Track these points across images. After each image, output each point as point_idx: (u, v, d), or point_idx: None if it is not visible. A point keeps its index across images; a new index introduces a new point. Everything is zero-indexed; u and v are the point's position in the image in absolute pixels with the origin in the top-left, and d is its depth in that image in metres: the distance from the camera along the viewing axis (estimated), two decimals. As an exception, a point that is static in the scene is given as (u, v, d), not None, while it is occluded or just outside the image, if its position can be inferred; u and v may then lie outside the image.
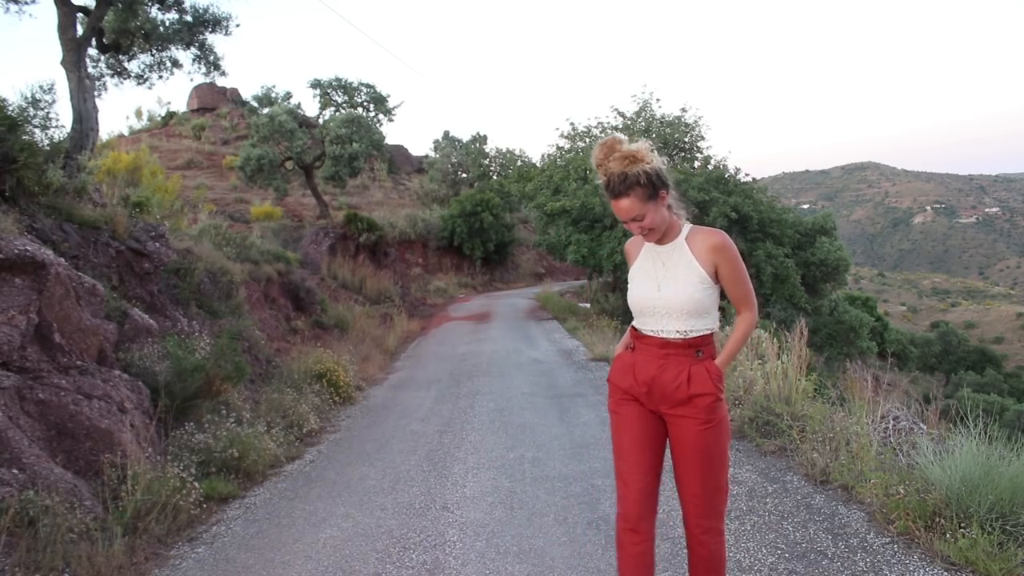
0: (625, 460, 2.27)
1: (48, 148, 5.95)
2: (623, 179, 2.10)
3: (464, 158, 29.83)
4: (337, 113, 19.65)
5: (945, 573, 2.83)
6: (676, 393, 2.19)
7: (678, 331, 2.21)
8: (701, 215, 12.96)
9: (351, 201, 25.45)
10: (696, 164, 15.59)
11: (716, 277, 2.20)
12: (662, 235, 2.22)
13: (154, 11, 9.22)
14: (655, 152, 2.15)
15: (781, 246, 13.99)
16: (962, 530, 2.93)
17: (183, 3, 9.36)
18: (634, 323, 2.34)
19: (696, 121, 15.82)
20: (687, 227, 2.25)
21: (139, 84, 9.90)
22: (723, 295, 2.29)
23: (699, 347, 2.20)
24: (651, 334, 2.25)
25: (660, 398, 2.23)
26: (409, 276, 20.38)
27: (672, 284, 2.21)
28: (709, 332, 2.22)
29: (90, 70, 8.92)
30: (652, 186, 2.11)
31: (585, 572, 3.08)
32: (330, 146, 18.64)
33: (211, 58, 9.89)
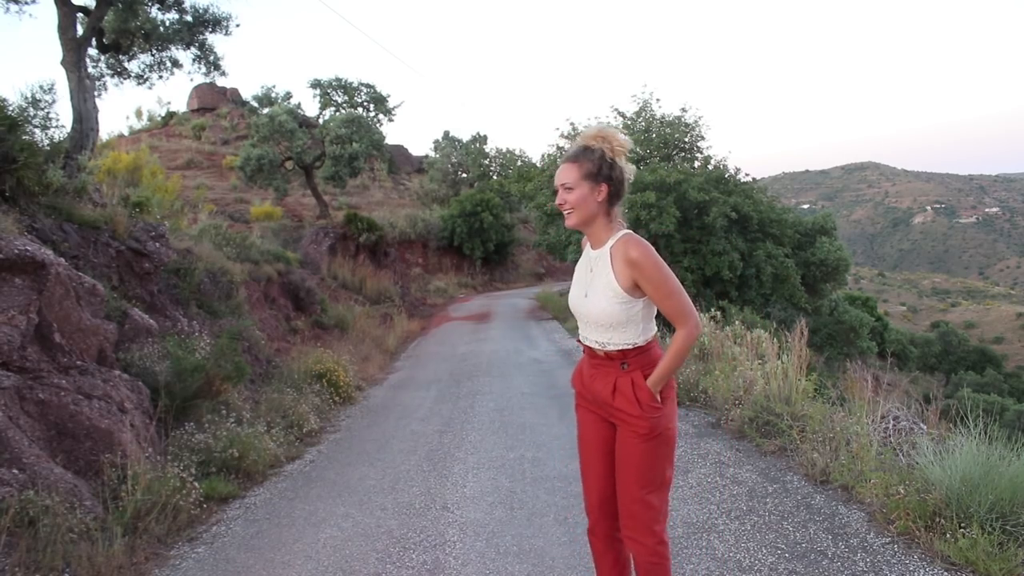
0: (583, 464, 2.33)
1: (48, 148, 5.96)
2: (582, 149, 2.12)
3: (464, 158, 29.82)
4: (337, 113, 19.65)
5: (945, 573, 2.83)
6: (608, 401, 2.17)
7: (596, 342, 2.17)
8: (701, 215, 12.96)
9: (351, 201, 25.45)
10: (696, 164, 15.58)
11: (638, 290, 2.08)
12: (596, 240, 2.17)
13: (154, 11, 9.22)
14: (626, 157, 2.14)
15: (781, 246, 13.98)
16: (962, 530, 2.93)
17: (183, 3, 9.36)
18: None
19: (696, 121, 15.81)
20: (617, 235, 2.12)
21: (139, 84, 9.92)
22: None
23: (623, 360, 2.14)
24: (583, 341, 2.26)
25: (599, 405, 2.23)
26: (409, 276, 20.38)
27: (593, 293, 2.14)
28: (631, 346, 2.12)
29: (90, 70, 8.92)
30: (598, 170, 2.09)
31: (585, 572, 3.08)
32: (330, 146, 18.63)
33: (211, 58, 9.89)
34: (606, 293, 2.10)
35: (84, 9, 8.44)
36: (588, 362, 2.26)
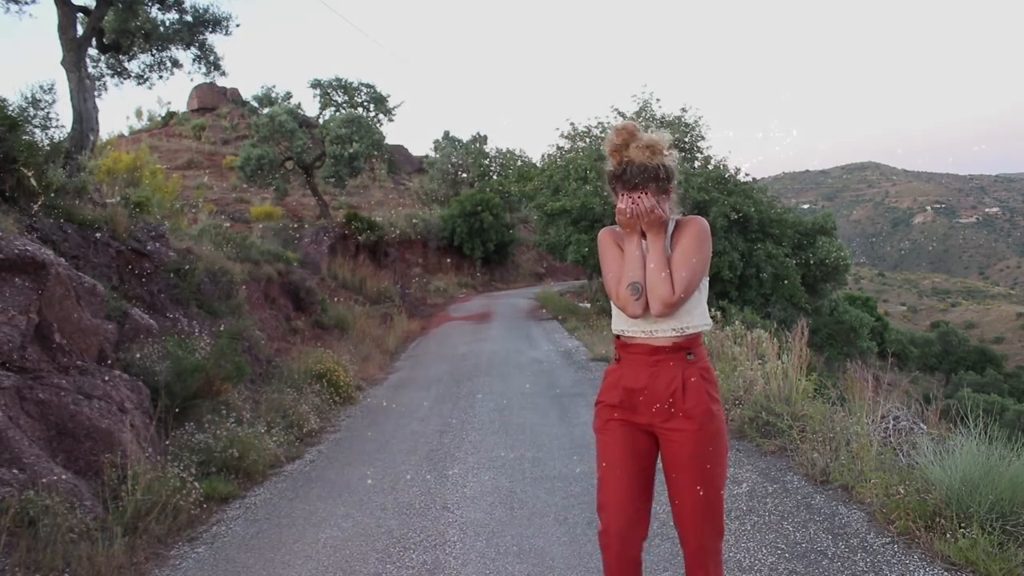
0: (618, 490, 2.10)
1: (48, 148, 5.95)
2: (643, 171, 2.02)
3: (464, 158, 29.82)
4: (337, 113, 19.64)
5: (945, 573, 2.83)
6: (674, 403, 2.08)
7: (675, 328, 2.10)
8: (701, 215, 12.96)
9: (351, 201, 25.45)
10: (696, 164, 15.58)
11: None
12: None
13: (154, 11, 9.23)
14: (672, 147, 2.11)
15: (781, 246, 13.98)
16: (962, 530, 2.93)
17: (183, 3, 9.37)
18: None
19: (696, 121, 15.82)
20: (675, 216, 2.18)
21: (139, 84, 9.93)
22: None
23: (689, 349, 2.11)
24: (635, 337, 2.17)
25: (652, 413, 2.11)
26: (409, 276, 20.37)
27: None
28: (706, 327, 2.15)
29: (90, 70, 8.93)
30: (667, 180, 2.07)
31: (585, 572, 3.08)
32: (330, 146, 18.63)
33: (211, 58, 9.90)
34: None
35: (84, 9, 8.44)
36: (643, 361, 2.09)
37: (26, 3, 8.12)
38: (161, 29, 9.28)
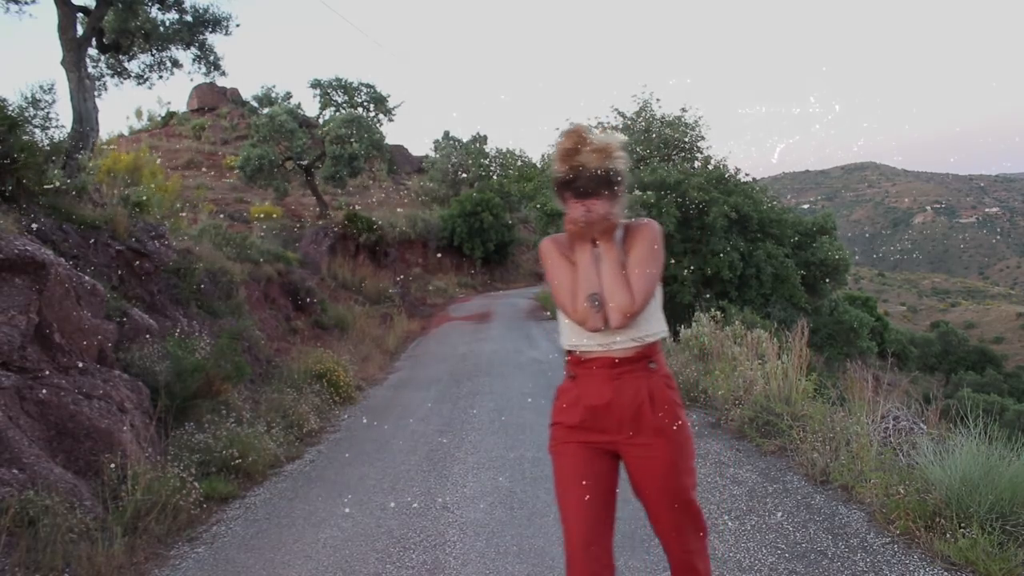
0: (579, 515, 1.99)
1: (48, 148, 5.95)
2: (595, 176, 1.93)
3: (464, 158, 29.82)
4: (337, 113, 19.64)
5: (945, 573, 2.83)
6: (642, 416, 1.98)
7: (634, 338, 2.00)
8: (701, 215, 12.95)
9: (351, 201, 25.45)
10: (696, 164, 15.58)
11: None
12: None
13: (154, 11, 9.22)
14: (623, 149, 2.01)
15: (781, 246, 13.97)
16: (962, 530, 2.93)
17: (183, 3, 9.37)
18: None
19: (696, 121, 15.81)
20: (624, 221, 2.09)
21: (139, 84, 9.93)
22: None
23: (650, 358, 2.02)
24: (590, 351, 2.05)
25: (617, 429, 2.01)
26: (409, 276, 20.37)
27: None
28: (664, 334, 2.08)
29: (90, 70, 8.93)
30: (619, 184, 1.98)
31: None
32: (330, 146, 18.63)
33: (211, 58, 9.89)
34: None
35: (84, 9, 8.44)
36: (603, 376, 1.98)
37: (26, 3, 8.13)
38: (161, 29, 9.28)
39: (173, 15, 9.44)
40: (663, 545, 2.09)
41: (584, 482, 1.98)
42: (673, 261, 12.51)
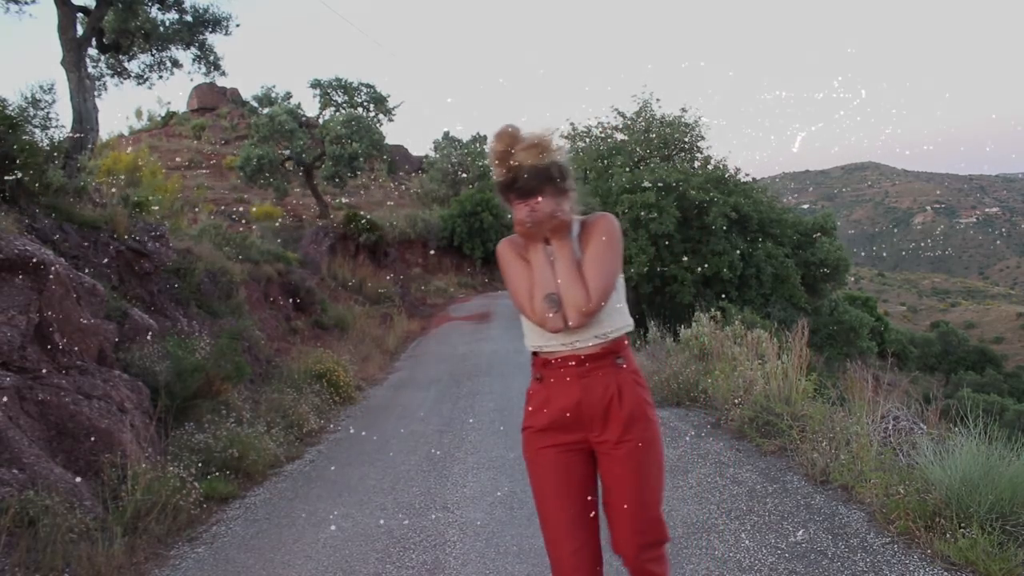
0: (561, 520, 1.95)
1: (48, 148, 5.96)
2: (535, 174, 1.87)
3: (464, 158, 29.82)
4: (337, 113, 19.65)
5: (945, 573, 2.83)
6: (612, 414, 1.94)
7: (596, 335, 1.95)
8: (701, 215, 12.96)
9: (351, 201, 25.44)
10: (696, 164, 15.59)
11: None
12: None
13: (154, 11, 9.22)
14: (560, 141, 1.95)
15: (781, 246, 13.98)
16: (962, 530, 2.93)
17: (183, 3, 9.37)
18: None
19: (696, 121, 15.82)
20: (580, 217, 2.05)
21: (139, 84, 9.93)
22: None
23: (618, 353, 1.97)
24: (554, 350, 2.00)
25: (587, 428, 1.98)
26: (409, 276, 20.37)
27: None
28: (629, 328, 2.02)
29: (90, 70, 8.93)
30: (563, 179, 1.92)
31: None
32: (330, 146, 18.63)
33: (211, 58, 9.90)
34: None
35: (84, 9, 8.44)
36: (571, 375, 1.94)
37: (26, 3, 8.13)
38: (161, 29, 9.28)
39: (173, 15, 9.45)
40: (614, 546, 2.00)
41: (563, 489, 1.94)
42: (673, 261, 12.51)
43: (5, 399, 3.52)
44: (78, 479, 3.61)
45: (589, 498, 1.98)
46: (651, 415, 1.98)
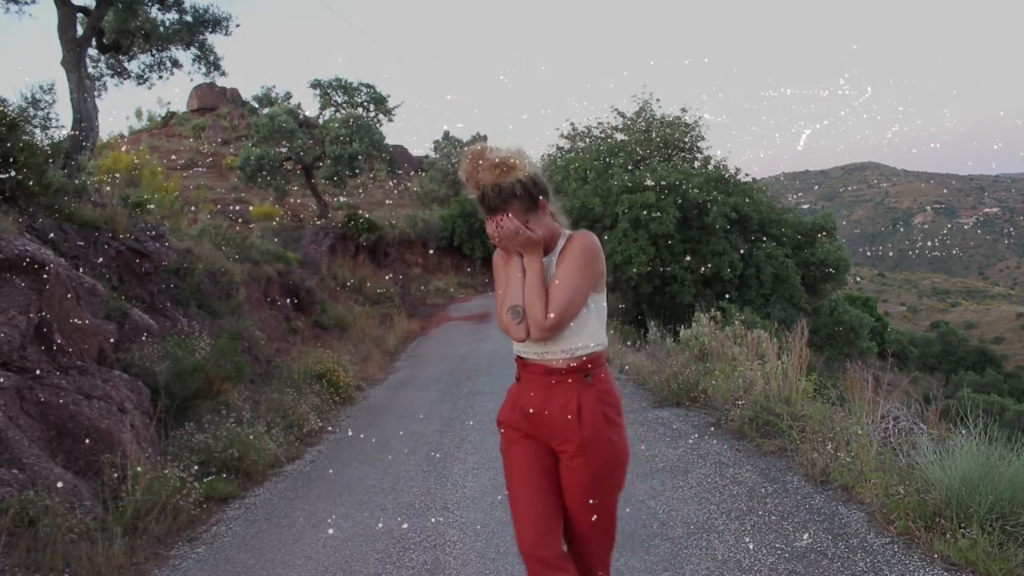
0: (528, 506, 2.02)
1: (48, 148, 5.96)
2: (498, 192, 1.93)
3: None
4: (337, 113, 19.65)
5: (945, 573, 2.83)
6: (568, 426, 2.00)
7: (564, 350, 2.03)
8: (701, 215, 12.96)
9: (351, 201, 25.44)
10: (696, 164, 15.60)
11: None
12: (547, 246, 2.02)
13: (154, 11, 9.23)
14: (528, 158, 1.99)
15: (781, 246, 13.99)
16: (962, 530, 2.92)
17: (183, 3, 9.38)
18: None
19: (696, 121, 15.84)
20: (567, 233, 2.08)
21: (139, 84, 9.94)
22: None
23: (587, 371, 2.02)
24: (529, 357, 2.12)
25: (549, 434, 2.06)
26: (409, 276, 20.37)
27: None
28: (601, 348, 2.06)
29: (90, 70, 8.93)
30: (529, 195, 1.96)
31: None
32: (330, 146, 18.64)
33: (211, 58, 9.90)
34: None
35: (84, 9, 8.44)
36: (540, 383, 2.03)
37: (26, 3, 8.13)
38: (161, 29, 9.29)
39: (173, 15, 9.46)
40: (570, 549, 2.09)
41: (531, 478, 2.02)
42: (673, 261, 12.51)
43: (3, 401, 3.52)
44: (78, 479, 3.61)
45: (555, 490, 2.05)
46: (614, 436, 2.00)
